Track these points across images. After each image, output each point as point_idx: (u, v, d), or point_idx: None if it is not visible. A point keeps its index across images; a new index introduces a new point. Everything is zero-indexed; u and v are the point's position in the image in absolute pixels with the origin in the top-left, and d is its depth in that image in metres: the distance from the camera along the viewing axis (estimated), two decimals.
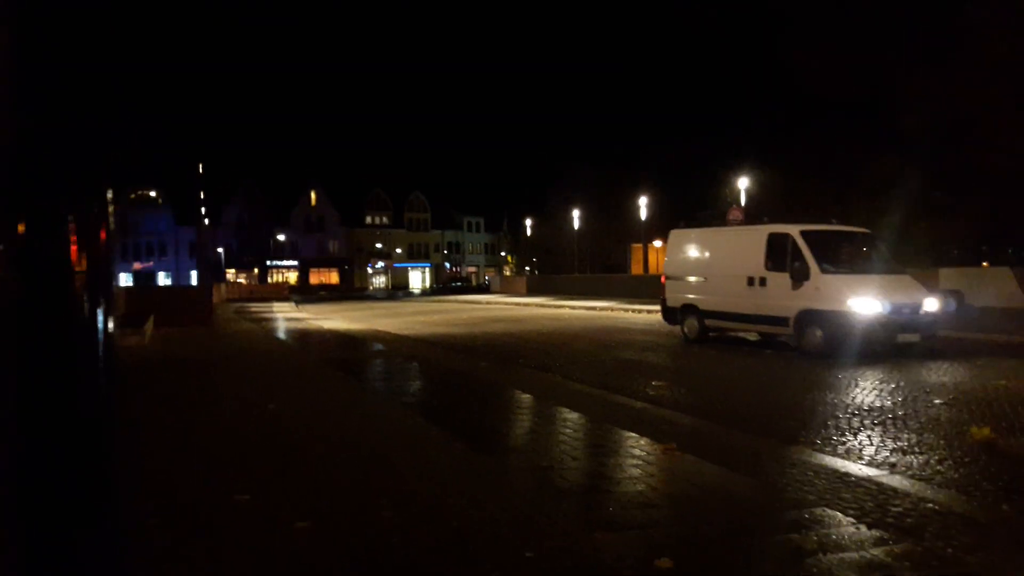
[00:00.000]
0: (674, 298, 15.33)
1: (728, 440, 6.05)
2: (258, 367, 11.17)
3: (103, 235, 1.80)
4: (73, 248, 1.65)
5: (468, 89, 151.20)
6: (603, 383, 9.59)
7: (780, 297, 12.77)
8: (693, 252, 15.21)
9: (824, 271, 12.24)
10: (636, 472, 5.06)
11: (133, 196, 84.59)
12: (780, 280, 12.79)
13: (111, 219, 1.82)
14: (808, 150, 37.57)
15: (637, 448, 5.77)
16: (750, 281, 13.40)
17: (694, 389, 9.31)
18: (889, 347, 11.85)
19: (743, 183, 27.63)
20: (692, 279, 14.92)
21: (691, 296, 14.81)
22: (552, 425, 6.66)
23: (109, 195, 1.87)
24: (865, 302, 11.65)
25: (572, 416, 7.00)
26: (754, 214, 17.13)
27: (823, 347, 11.89)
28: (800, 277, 12.41)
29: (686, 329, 14.89)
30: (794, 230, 12.86)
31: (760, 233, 13.50)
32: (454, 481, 4.77)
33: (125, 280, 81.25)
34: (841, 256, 13.03)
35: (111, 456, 1.76)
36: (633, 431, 6.31)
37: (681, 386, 9.49)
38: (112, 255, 1.82)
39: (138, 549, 3.61)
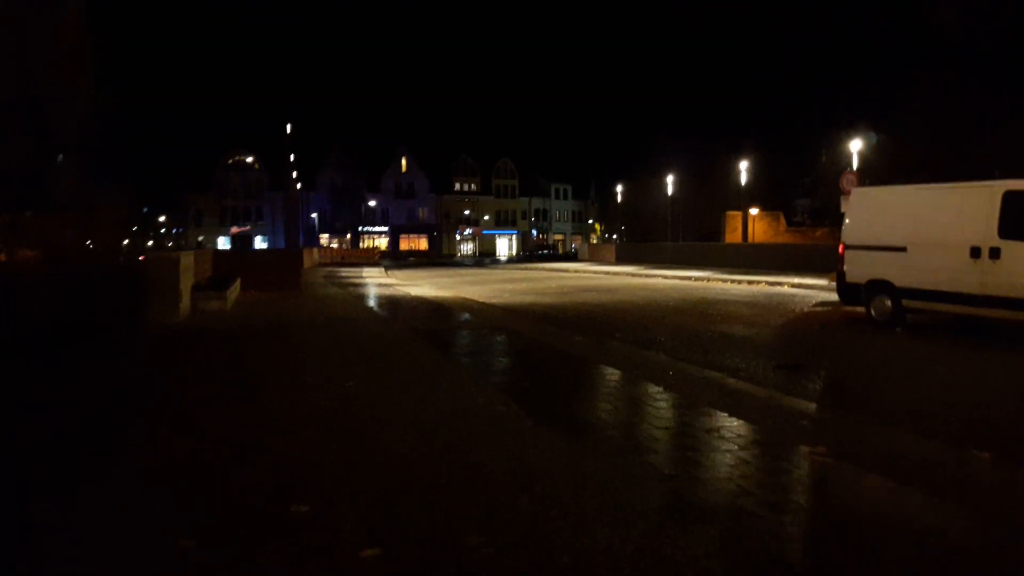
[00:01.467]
0: (857, 272, 12.72)
1: (895, 445, 4.91)
2: (341, 337, 10.59)
3: None
4: None
5: (557, 53, 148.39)
6: (715, 363, 8.49)
7: (1022, 274, 10.32)
8: (886, 216, 12.43)
9: None
10: (783, 485, 4.04)
11: (230, 161, 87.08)
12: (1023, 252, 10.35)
13: None
14: (923, 115, 34.68)
15: (775, 450, 4.73)
16: (974, 252, 10.82)
17: (834, 376, 8.09)
18: None
19: (855, 146, 25.29)
20: (884, 250, 12.26)
21: (883, 270, 12.21)
22: (664, 417, 5.68)
23: None
24: None
25: (686, 405, 6.00)
26: (867, 179, 15.31)
27: None
28: None
29: (874, 311, 12.37)
30: None
31: (990, 192, 10.84)
32: (556, 491, 3.88)
33: (223, 244, 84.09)
34: None
35: None
36: (764, 426, 5.26)
37: (815, 372, 8.29)
38: None
39: None
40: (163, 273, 11.44)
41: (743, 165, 38.52)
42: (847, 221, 13.25)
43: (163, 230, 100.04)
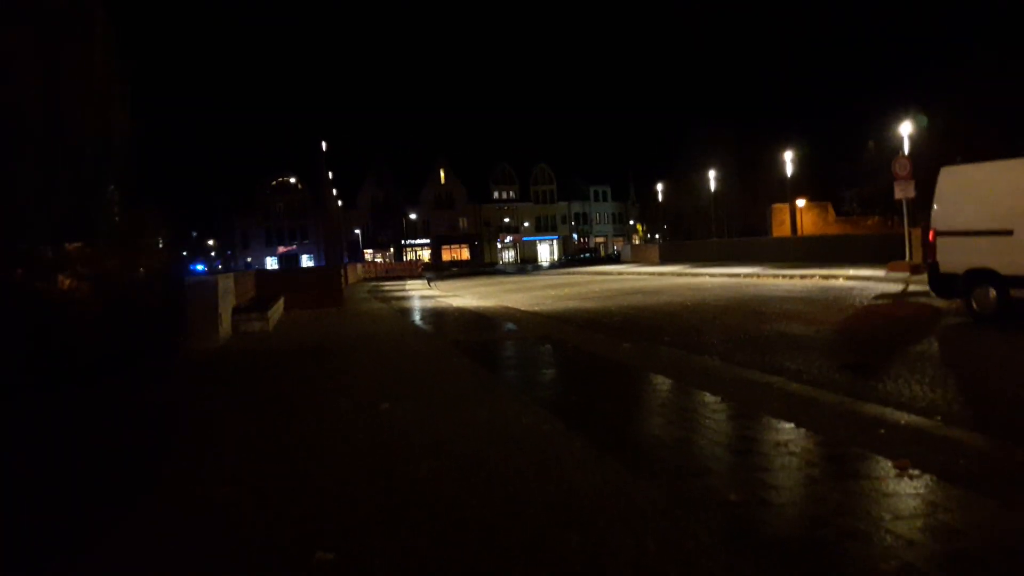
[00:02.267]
0: (953, 261, 11.46)
1: (992, 456, 4.37)
2: (379, 354, 10.33)
3: None
4: None
5: (590, 52, 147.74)
6: (774, 366, 7.98)
7: None
8: (985, 196, 11.11)
9: None
10: (866, 510, 3.57)
11: (274, 183, 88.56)
12: None
13: None
14: (972, 89, 33.36)
15: (852, 465, 4.26)
16: None
17: (909, 376, 7.50)
18: None
19: (906, 129, 24.24)
20: (986, 234, 10.97)
21: (985, 257, 10.92)
22: (724, 431, 5.23)
23: None
24: None
25: (747, 415, 5.54)
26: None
27: None
28: None
29: (975, 303, 11.12)
30: None
31: None
32: (609, 525, 3.48)
33: (271, 264, 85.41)
34: None
35: None
36: (837, 437, 4.78)
37: (885, 371, 7.70)
38: None
39: None
40: (202, 297, 11.36)
41: (788, 156, 37.39)
42: (936, 205, 11.94)
43: (212, 253, 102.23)
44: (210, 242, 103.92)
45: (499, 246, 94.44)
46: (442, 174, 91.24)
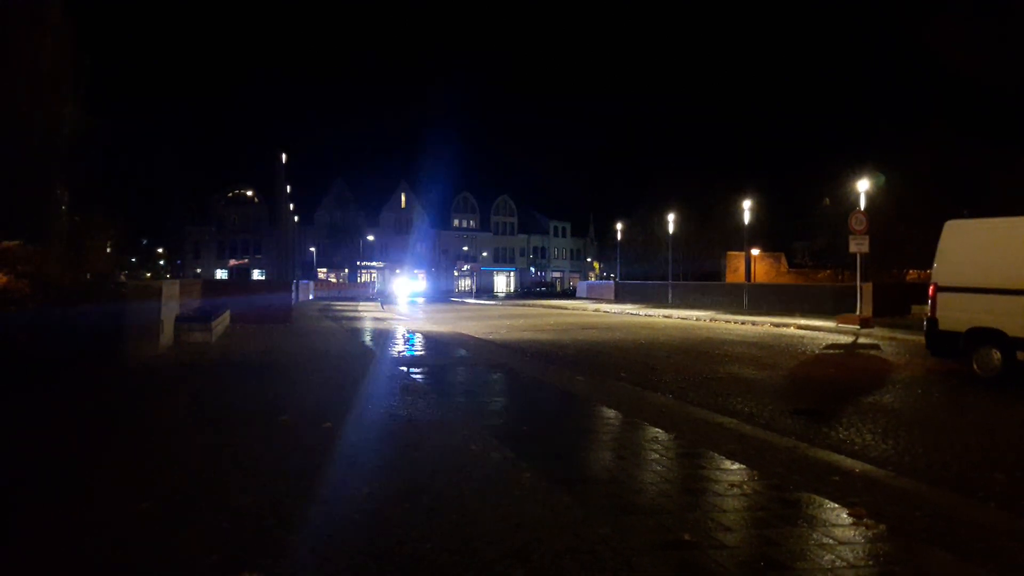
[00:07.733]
0: (955, 318, 10.92)
1: (943, 509, 4.30)
2: (326, 373, 10.00)
3: None
4: None
5: (556, 92, 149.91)
6: (727, 408, 7.92)
7: None
8: (994, 253, 10.62)
9: None
10: (820, 556, 3.46)
11: (230, 195, 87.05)
12: None
13: None
14: (927, 151, 34.62)
15: (806, 510, 4.15)
16: None
17: (860, 423, 7.49)
18: None
19: (863, 186, 24.90)
20: (993, 293, 10.47)
21: (991, 317, 10.43)
22: (677, 469, 5.09)
23: None
24: None
25: (701, 455, 5.42)
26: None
27: None
28: None
29: (977, 365, 10.59)
30: None
31: None
32: (558, 562, 3.29)
33: (221, 277, 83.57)
34: None
35: None
36: (791, 482, 4.69)
37: (837, 419, 7.69)
38: None
39: None
40: (143, 303, 10.88)
41: (745, 205, 38.13)
42: (938, 260, 11.40)
43: (162, 262, 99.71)
44: (160, 250, 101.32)
45: (456, 274, 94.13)
46: (403, 198, 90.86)
